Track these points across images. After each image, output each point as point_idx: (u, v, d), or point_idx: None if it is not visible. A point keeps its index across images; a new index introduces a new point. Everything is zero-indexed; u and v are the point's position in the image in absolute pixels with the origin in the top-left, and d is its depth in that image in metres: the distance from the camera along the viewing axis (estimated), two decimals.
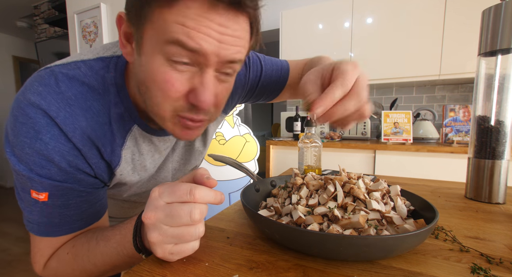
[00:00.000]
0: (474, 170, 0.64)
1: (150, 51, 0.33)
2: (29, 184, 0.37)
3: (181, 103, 0.35)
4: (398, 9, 1.90)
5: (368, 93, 0.36)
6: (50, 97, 0.36)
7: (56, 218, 0.39)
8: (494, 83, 0.60)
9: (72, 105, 0.37)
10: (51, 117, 0.36)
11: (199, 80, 0.34)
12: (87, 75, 0.39)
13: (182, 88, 0.34)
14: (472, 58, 1.70)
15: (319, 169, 0.67)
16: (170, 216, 0.30)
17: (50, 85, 0.36)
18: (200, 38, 0.31)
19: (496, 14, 0.58)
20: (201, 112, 0.36)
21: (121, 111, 0.41)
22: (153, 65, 0.33)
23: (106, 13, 1.82)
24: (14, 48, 4.38)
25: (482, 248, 0.38)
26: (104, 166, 0.42)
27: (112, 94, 0.40)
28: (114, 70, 0.41)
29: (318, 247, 0.33)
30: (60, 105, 0.36)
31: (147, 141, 0.46)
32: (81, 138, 0.38)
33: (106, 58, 0.41)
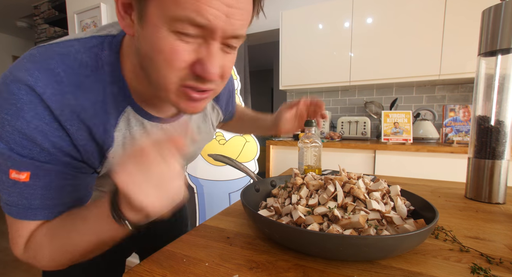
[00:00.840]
0: (474, 170, 0.64)
1: (155, 22, 0.32)
2: (9, 164, 0.35)
3: (187, 73, 0.34)
4: (398, 9, 1.90)
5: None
6: (38, 73, 0.34)
7: (36, 199, 0.37)
8: (494, 83, 0.60)
9: (61, 82, 0.35)
10: (38, 94, 0.34)
11: (206, 51, 0.33)
12: (80, 51, 0.37)
13: (188, 58, 0.33)
14: (472, 58, 1.70)
15: (319, 169, 0.67)
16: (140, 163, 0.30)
17: (39, 62, 0.35)
18: (210, 13, 0.30)
19: (496, 14, 0.58)
20: (207, 83, 0.36)
21: (115, 91, 0.40)
22: (159, 36, 0.32)
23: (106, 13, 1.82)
24: (14, 48, 4.38)
25: (482, 248, 0.38)
26: (94, 149, 0.40)
27: (106, 72, 0.39)
28: (109, 49, 0.39)
29: (318, 247, 0.33)
30: (48, 82, 0.34)
31: (139, 125, 0.45)
32: (70, 116, 0.36)
33: (100, 36, 0.40)
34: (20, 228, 0.39)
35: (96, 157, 0.41)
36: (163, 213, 0.31)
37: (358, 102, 2.41)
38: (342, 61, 2.11)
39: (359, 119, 2.09)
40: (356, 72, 2.08)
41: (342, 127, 2.14)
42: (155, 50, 0.33)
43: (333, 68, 2.15)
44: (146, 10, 0.32)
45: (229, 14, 0.31)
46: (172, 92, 0.36)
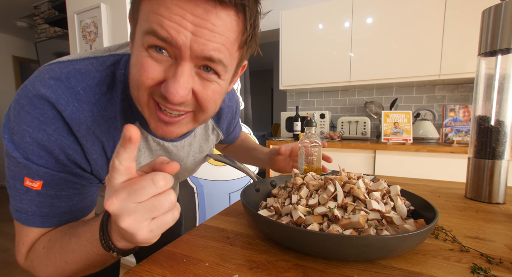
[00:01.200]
0: (474, 170, 0.64)
1: (137, 40, 0.35)
2: (24, 172, 0.37)
3: (155, 90, 0.35)
4: (398, 9, 1.90)
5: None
6: (60, 91, 0.36)
7: (46, 208, 0.39)
8: (494, 83, 0.60)
9: (80, 100, 0.38)
10: (59, 111, 0.36)
11: (173, 71, 0.33)
12: (99, 70, 0.40)
13: (156, 75, 0.34)
14: (472, 58, 1.70)
15: (319, 169, 0.67)
16: (133, 191, 0.26)
17: (61, 80, 0.37)
18: (171, 27, 0.31)
19: (496, 14, 0.58)
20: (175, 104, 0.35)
21: (126, 107, 0.42)
22: (136, 52, 0.35)
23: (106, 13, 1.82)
24: (14, 48, 4.37)
25: (482, 248, 0.38)
26: (103, 162, 0.42)
27: (120, 90, 0.41)
28: (124, 67, 0.42)
29: (318, 247, 0.33)
30: (69, 99, 0.37)
31: (143, 139, 0.47)
32: (85, 132, 0.39)
33: (118, 55, 0.43)
34: (24, 236, 0.40)
35: (105, 170, 0.43)
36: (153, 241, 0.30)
37: (358, 102, 2.41)
38: (342, 61, 2.11)
39: (359, 119, 2.09)
40: (356, 72, 2.08)
41: (342, 127, 2.14)
42: (132, 65, 0.36)
43: (333, 68, 2.15)
44: (135, 32, 0.36)
45: (196, 32, 0.31)
46: (145, 105, 0.37)
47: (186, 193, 1.67)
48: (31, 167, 0.37)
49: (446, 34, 1.78)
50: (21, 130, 0.36)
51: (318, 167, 0.66)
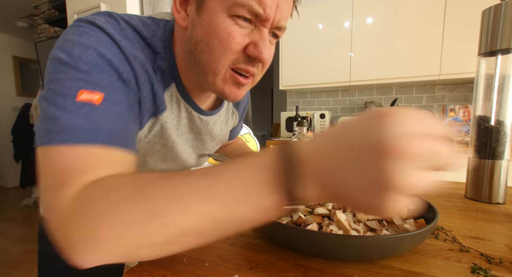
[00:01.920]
0: (474, 170, 0.64)
1: (215, 9, 0.35)
2: (82, 84, 0.30)
3: (239, 55, 0.38)
4: (398, 9, 1.90)
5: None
6: (113, 28, 0.36)
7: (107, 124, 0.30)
8: (494, 83, 0.60)
9: (130, 41, 0.38)
10: (115, 41, 0.35)
11: (259, 35, 0.37)
12: (139, 25, 0.40)
13: (243, 41, 0.37)
14: (472, 58, 1.70)
15: None
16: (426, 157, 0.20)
17: (112, 22, 0.37)
18: (266, 3, 0.34)
19: (496, 14, 0.58)
20: (256, 64, 0.39)
21: (165, 66, 0.42)
22: (217, 21, 0.35)
23: None
24: (14, 48, 4.37)
25: (482, 248, 0.38)
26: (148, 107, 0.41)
27: (160, 48, 0.42)
28: (164, 29, 0.43)
29: (318, 247, 0.33)
30: (122, 36, 0.37)
31: (176, 102, 0.46)
32: (140, 67, 0.38)
33: (156, 19, 0.44)
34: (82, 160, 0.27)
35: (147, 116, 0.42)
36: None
37: (358, 102, 2.41)
38: (342, 61, 2.11)
39: None
40: (356, 72, 2.08)
41: None
42: (211, 34, 0.36)
43: (333, 68, 2.15)
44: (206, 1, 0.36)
45: (279, 4, 0.35)
46: (220, 76, 0.39)
47: None
48: (93, 76, 0.30)
49: (446, 34, 1.78)
50: (83, 44, 0.32)
51: None
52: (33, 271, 1.85)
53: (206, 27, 0.36)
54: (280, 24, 0.38)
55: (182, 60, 0.43)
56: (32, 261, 1.97)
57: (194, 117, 0.51)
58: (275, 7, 0.35)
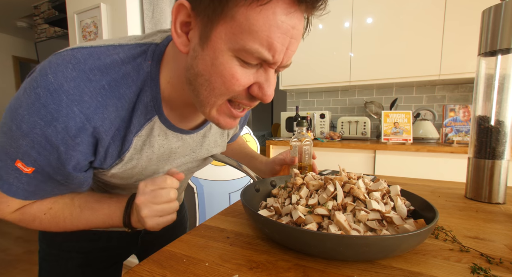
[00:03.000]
0: (474, 170, 0.64)
1: (220, 46, 0.33)
2: (20, 156, 0.36)
3: (241, 93, 0.37)
4: (398, 9, 1.90)
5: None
6: (83, 85, 0.35)
7: (32, 187, 0.40)
8: (494, 83, 0.60)
9: (105, 95, 0.36)
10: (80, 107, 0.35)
11: (264, 76, 0.36)
12: (125, 62, 0.38)
13: (247, 82, 0.36)
14: (472, 58, 1.70)
15: (310, 165, 0.68)
16: (155, 197, 0.41)
17: (85, 72, 0.35)
18: (278, 50, 0.33)
19: (496, 14, 0.58)
20: (256, 102, 0.40)
21: (148, 100, 0.41)
22: (221, 60, 0.34)
23: (106, 13, 1.82)
24: (14, 48, 4.37)
25: (482, 248, 0.38)
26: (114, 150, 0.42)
27: (144, 82, 0.40)
28: (151, 58, 0.40)
29: (318, 247, 0.33)
30: (92, 94, 0.35)
31: (162, 134, 0.46)
32: (108, 127, 0.38)
33: (144, 44, 0.41)
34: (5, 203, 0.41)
35: (113, 158, 0.43)
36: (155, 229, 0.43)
37: (358, 102, 2.41)
38: (342, 61, 2.11)
39: (359, 119, 2.09)
40: (356, 72, 2.08)
41: (342, 127, 2.14)
42: (214, 72, 0.35)
43: (333, 68, 2.15)
44: (212, 33, 0.33)
45: (289, 46, 0.34)
46: (216, 109, 0.39)
47: (186, 193, 1.67)
48: (30, 155, 0.36)
49: (446, 34, 1.78)
50: (32, 121, 0.34)
51: (309, 163, 0.68)
52: (33, 271, 1.85)
53: (209, 63, 0.34)
54: (287, 63, 0.37)
55: (170, 85, 0.42)
56: (32, 261, 1.97)
57: (187, 140, 0.51)
58: (284, 50, 0.34)
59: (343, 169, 0.51)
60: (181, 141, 0.50)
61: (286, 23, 0.32)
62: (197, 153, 0.56)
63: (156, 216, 0.42)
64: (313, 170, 0.69)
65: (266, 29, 0.31)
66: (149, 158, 0.47)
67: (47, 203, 0.44)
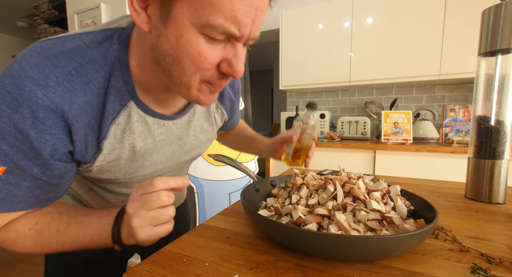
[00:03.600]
0: (474, 170, 0.64)
1: (183, 23, 0.32)
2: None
3: (212, 72, 0.36)
4: (398, 9, 1.90)
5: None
6: (48, 70, 0.34)
7: (1, 194, 0.37)
8: (494, 83, 0.60)
9: (72, 80, 0.36)
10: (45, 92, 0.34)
11: (232, 52, 0.35)
12: (90, 46, 0.38)
13: (215, 59, 0.35)
14: (472, 58, 1.70)
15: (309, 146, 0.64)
16: (145, 203, 0.36)
17: (49, 58, 0.35)
18: (242, 22, 0.32)
19: (496, 14, 0.58)
20: (229, 78, 0.39)
21: (120, 85, 0.40)
22: (186, 38, 0.33)
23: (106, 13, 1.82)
24: (14, 48, 4.38)
25: (482, 248, 0.38)
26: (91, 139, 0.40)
27: (114, 67, 0.39)
28: (118, 42, 0.39)
29: (318, 247, 0.33)
30: (59, 80, 0.35)
31: (141, 121, 0.45)
32: (77, 112, 0.36)
33: (110, 30, 0.40)
34: None
35: (92, 148, 0.41)
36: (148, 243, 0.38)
37: (358, 102, 2.41)
38: (342, 61, 2.11)
39: (359, 119, 2.09)
40: (356, 72, 2.08)
41: (342, 127, 2.14)
42: (180, 51, 0.34)
43: (333, 68, 2.15)
44: (172, 9, 0.32)
45: (255, 18, 0.33)
46: (194, 87, 0.38)
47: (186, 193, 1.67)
48: (1, 150, 0.34)
49: (446, 34, 1.78)
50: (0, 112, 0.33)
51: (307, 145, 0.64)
52: (33, 271, 1.85)
53: (174, 42, 0.33)
54: (255, 36, 0.36)
55: (139, 68, 0.41)
56: (32, 261, 1.97)
57: (169, 126, 0.49)
58: (250, 23, 0.33)
59: (343, 169, 0.51)
60: (163, 128, 0.48)
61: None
62: (184, 140, 0.54)
63: (149, 225, 0.36)
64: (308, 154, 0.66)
65: (229, 1, 0.30)
66: (132, 146, 0.45)
67: (33, 217, 0.41)
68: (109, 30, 0.40)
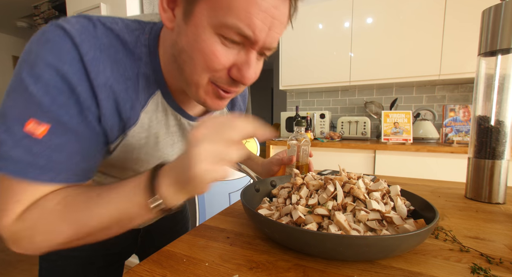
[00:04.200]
0: (474, 170, 0.64)
1: (202, 22, 0.33)
2: (33, 111, 0.32)
3: (221, 75, 0.37)
4: (398, 9, 1.90)
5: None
6: (85, 36, 0.34)
7: (43, 160, 0.33)
8: (494, 83, 0.60)
9: (103, 51, 0.36)
10: (80, 53, 0.33)
11: (245, 58, 0.36)
12: (123, 30, 0.39)
13: (227, 62, 0.35)
14: (472, 58, 1.70)
15: (307, 164, 0.69)
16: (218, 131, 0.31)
17: (87, 27, 0.35)
18: (257, 25, 0.32)
19: (496, 14, 0.58)
20: (238, 85, 0.38)
21: (149, 73, 0.41)
22: (203, 37, 0.34)
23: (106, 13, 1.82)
24: (14, 48, 4.37)
25: (482, 248, 0.38)
26: (115, 123, 0.39)
27: (144, 54, 0.40)
28: (149, 33, 0.41)
29: (318, 247, 0.33)
30: (91, 46, 0.35)
31: (163, 111, 0.45)
32: (102, 83, 0.36)
33: (143, 22, 0.42)
34: (19, 192, 0.33)
35: (116, 130, 0.40)
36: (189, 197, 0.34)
37: (358, 102, 2.41)
38: (342, 61, 2.11)
39: (359, 119, 2.09)
40: (356, 72, 2.08)
41: (342, 127, 2.14)
42: (195, 48, 0.35)
43: (333, 68, 2.15)
44: (194, 9, 0.34)
45: (271, 26, 0.33)
46: (202, 88, 0.38)
47: None
48: (44, 104, 0.32)
49: (446, 34, 1.78)
50: (45, 62, 0.32)
51: (306, 163, 0.69)
52: (33, 271, 1.85)
53: (191, 39, 0.35)
54: (271, 46, 0.36)
55: (169, 65, 0.42)
56: (32, 261, 1.97)
57: (184, 124, 0.49)
58: (266, 30, 0.33)
59: (343, 169, 0.51)
60: (178, 122, 0.48)
61: (266, 1, 0.32)
62: None
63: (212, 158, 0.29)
64: (309, 168, 0.69)
65: (245, 5, 0.31)
66: (156, 136, 0.46)
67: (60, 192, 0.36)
68: (142, 22, 0.42)
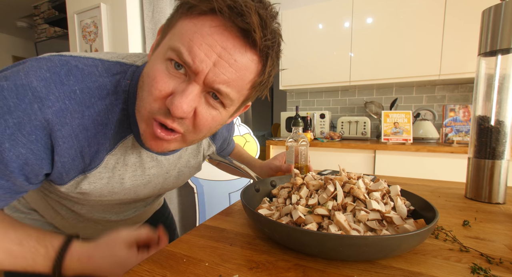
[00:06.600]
0: (474, 170, 0.64)
1: (158, 52, 0.36)
2: None
3: (159, 104, 0.35)
4: (398, 9, 1.90)
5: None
6: (54, 86, 0.34)
7: None
8: (494, 83, 0.60)
9: (73, 99, 0.35)
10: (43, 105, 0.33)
11: (183, 87, 0.35)
12: (103, 75, 0.38)
13: (164, 88, 0.34)
14: (472, 58, 1.70)
15: (306, 165, 0.68)
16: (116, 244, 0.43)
17: (59, 75, 0.35)
18: (197, 55, 0.33)
19: (496, 14, 0.58)
20: (177, 120, 0.36)
21: (124, 118, 0.41)
22: (155, 62, 0.36)
23: (106, 13, 1.82)
24: (14, 48, 4.37)
25: (482, 248, 0.38)
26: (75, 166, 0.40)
27: (121, 99, 0.40)
28: (131, 78, 0.41)
29: (318, 247, 0.33)
30: (60, 96, 0.34)
31: (135, 153, 0.45)
32: (67, 133, 0.36)
33: (125, 64, 0.41)
34: None
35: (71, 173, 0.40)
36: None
37: (358, 102, 2.41)
38: (342, 61, 2.11)
39: (359, 119, 2.09)
40: (356, 72, 2.08)
41: (342, 127, 2.14)
42: (146, 73, 0.36)
43: (333, 68, 2.15)
44: (162, 41, 0.37)
45: (217, 64, 0.33)
46: (144, 121, 0.37)
47: (186, 193, 1.67)
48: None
49: (446, 34, 1.78)
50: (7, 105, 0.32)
51: (305, 164, 0.68)
52: None
53: (149, 66, 0.36)
54: (216, 86, 0.34)
55: None
56: None
57: (161, 161, 0.50)
58: (210, 65, 0.33)
59: (343, 169, 0.51)
60: (155, 161, 0.48)
61: (212, 37, 0.33)
62: (170, 173, 0.54)
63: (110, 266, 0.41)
64: (309, 169, 0.69)
65: (191, 33, 0.33)
66: (121, 178, 0.45)
67: None
68: (124, 64, 0.41)
